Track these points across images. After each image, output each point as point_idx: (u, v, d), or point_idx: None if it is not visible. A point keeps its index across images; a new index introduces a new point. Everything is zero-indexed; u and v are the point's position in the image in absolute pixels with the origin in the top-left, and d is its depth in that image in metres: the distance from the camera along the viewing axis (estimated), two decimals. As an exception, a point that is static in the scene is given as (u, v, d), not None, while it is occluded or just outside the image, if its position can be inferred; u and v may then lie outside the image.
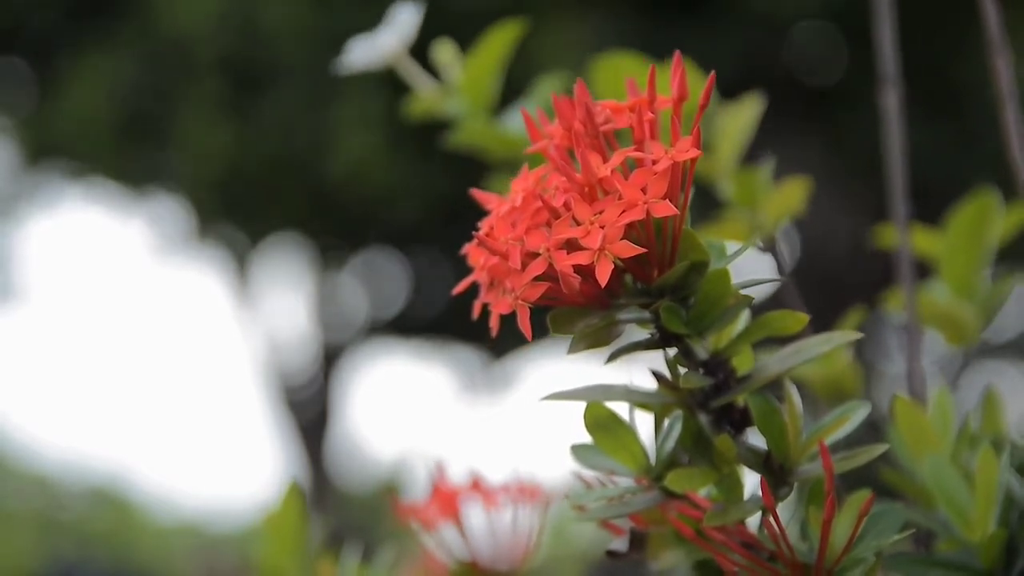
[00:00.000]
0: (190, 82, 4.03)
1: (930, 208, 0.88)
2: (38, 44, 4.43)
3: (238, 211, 4.57)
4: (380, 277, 5.34)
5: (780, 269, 0.77)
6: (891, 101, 0.81)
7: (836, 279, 4.14)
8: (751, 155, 0.85)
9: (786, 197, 0.80)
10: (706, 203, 0.82)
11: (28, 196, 5.32)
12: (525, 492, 0.78)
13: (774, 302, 0.72)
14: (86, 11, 4.27)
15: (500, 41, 0.83)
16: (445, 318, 5.00)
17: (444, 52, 0.85)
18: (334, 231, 4.79)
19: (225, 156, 4.07)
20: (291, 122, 3.89)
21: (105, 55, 4.14)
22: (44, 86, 4.43)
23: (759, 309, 0.56)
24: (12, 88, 4.68)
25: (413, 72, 0.84)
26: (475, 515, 0.78)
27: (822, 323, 0.69)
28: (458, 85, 0.84)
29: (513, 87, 0.86)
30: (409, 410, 7.89)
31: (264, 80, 3.95)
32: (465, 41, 0.85)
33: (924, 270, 0.84)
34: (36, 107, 4.53)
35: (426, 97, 0.84)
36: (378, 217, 4.49)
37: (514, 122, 0.84)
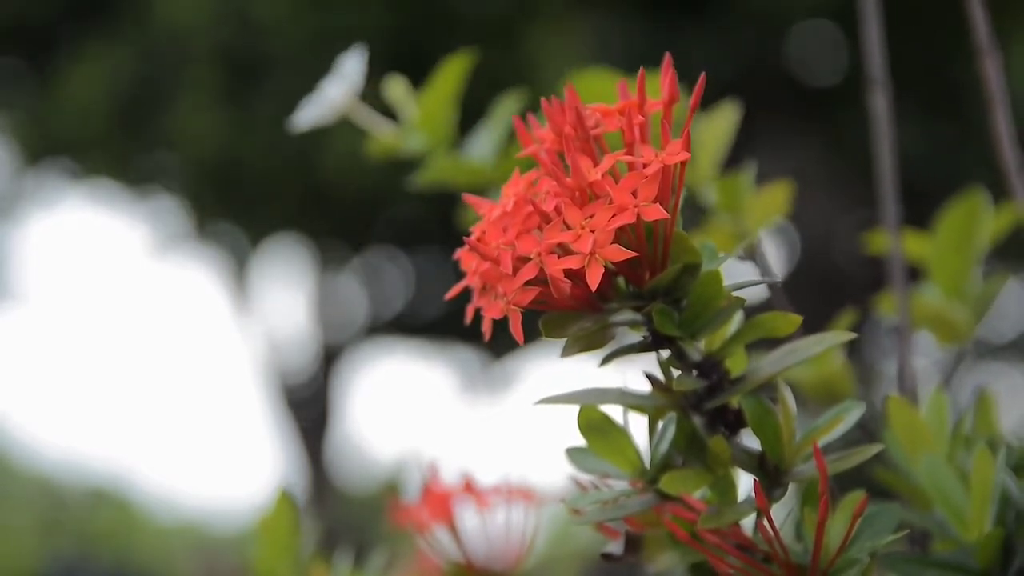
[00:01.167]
0: (187, 75, 4.03)
1: (931, 210, 0.88)
2: (36, 42, 4.43)
3: (236, 207, 4.57)
4: (380, 277, 5.34)
5: (765, 276, 0.77)
6: (879, 103, 0.81)
7: (836, 279, 4.14)
8: (749, 156, 0.85)
9: (770, 201, 0.80)
10: (689, 209, 0.82)
11: (28, 196, 5.32)
12: (518, 493, 0.78)
13: (767, 305, 0.72)
14: (84, 7, 4.27)
15: (453, 74, 0.82)
16: (445, 318, 5.01)
17: (395, 89, 0.84)
18: (333, 230, 4.79)
19: (222, 148, 4.07)
20: (287, 114, 3.88)
21: (103, 50, 4.14)
22: (43, 84, 4.44)
23: (752, 312, 0.56)
24: (11, 87, 4.68)
25: (369, 118, 0.84)
26: (469, 516, 0.78)
27: (822, 323, 0.69)
28: (415, 122, 0.83)
29: (511, 88, 0.86)
30: (409, 410, 7.89)
31: (260, 72, 3.95)
32: (466, 41, 0.85)
33: (919, 272, 0.84)
34: (35, 105, 4.53)
35: (384, 137, 0.84)
36: (377, 215, 4.49)
37: (478, 149, 0.84)
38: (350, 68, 0.82)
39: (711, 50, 3.51)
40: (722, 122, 0.80)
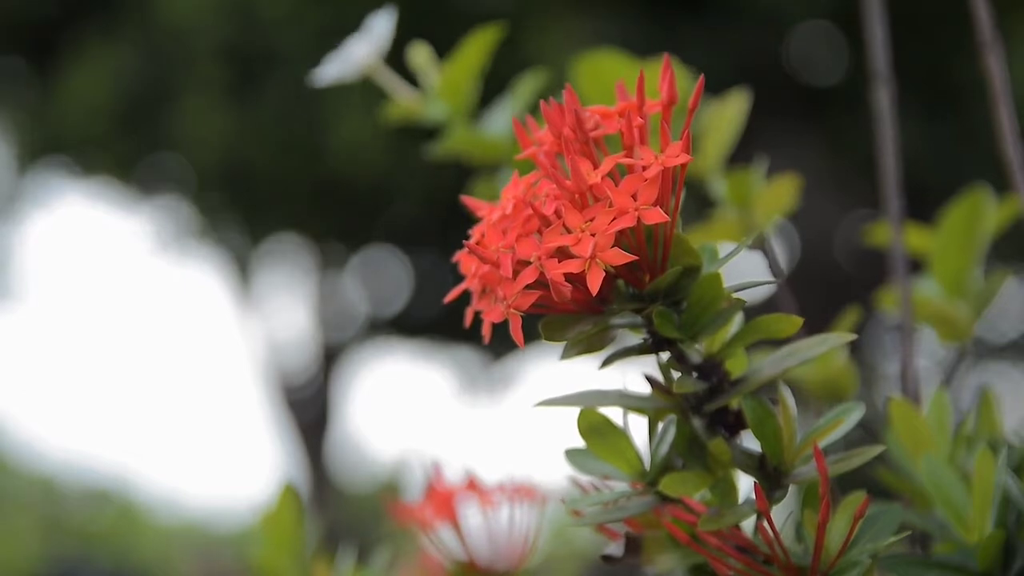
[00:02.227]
0: (191, 73, 4.03)
1: (931, 207, 0.88)
2: (39, 41, 4.43)
3: (239, 206, 4.57)
4: (380, 277, 5.34)
5: (773, 269, 0.77)
6: (883, 98, 0.80)
7: (836, 279, 4.14)
8: (749, 155, 0.85)
9: (777, 195, 0.80)
10: (696, 202, 0.81)
11: (30, 195, 5.32)
12: (521, 492, 0.78)
13: (769, 303, 0.72)
14: (86, 5, 4.27)
15: (478, 46, 0.82)
16: (445, 318, 5.00)
17: (419, 56, 0.84)
18: (335, 229, 4.79)
19: (226, 145, 4.07)
20: (291, 109, 3.88)
21: (105, 49, 4.14)
22: (45, 83, 4.44)
23: (754, 311, 0.55)
24: (13, 86, 4.68)
25: (391, 81, 0.83)
26: (472, 515, 0.78)
27: (822, 323, 0.69)
28: (437, 91, 0.83)
29: (511, 87, 0.86)
30: (409, 410, 7.89)
31: (264, 68, 3.95)
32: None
33: (918, 266, 0.84)
34: (37, 104, 4.53)
35: (404, 103, 0.84)
36: (381, 212, 4.49)
37: (496, 125, 0.84)
38: (378, 27, 0.82)
39: (711, 50, 3.51)
40: (731, 110, 0.80)
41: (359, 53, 0.81)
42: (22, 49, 4.56)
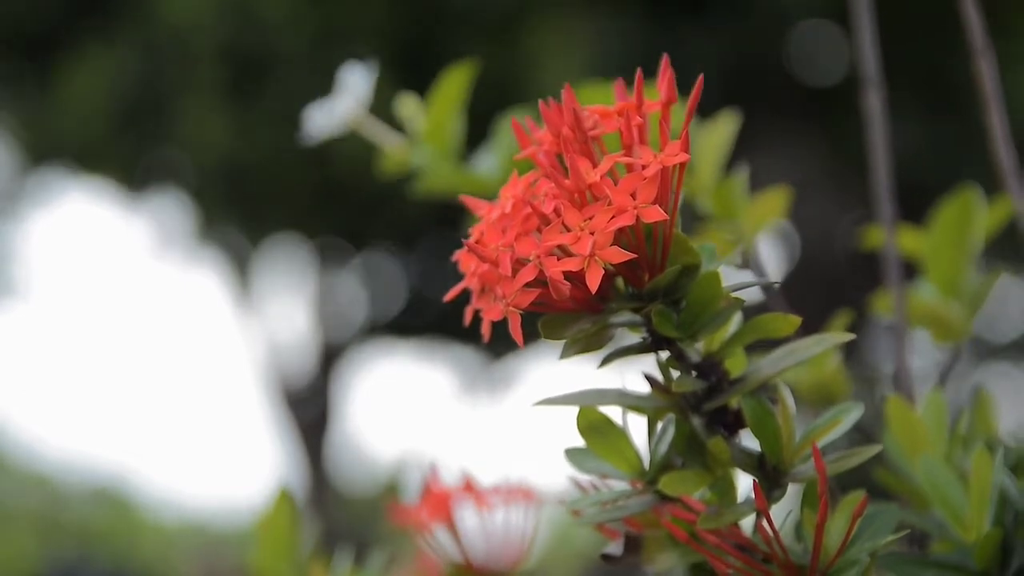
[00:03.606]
0: (190, 73, 4.03)
1: (934, 207, 0.88)
2: (38, 43, 4.43)
3: (239, 207, 4.57)
4: (380, 277, 5.34)
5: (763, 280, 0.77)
6: (873, 102, 0.81)
7: (836, 280, 4.14)
8: (750, 157, 0.85)
9: (766, 207, 0.80)
10: (687, 215, 0.81)
11: (30, 195, 5.32)
12: (518, 493, 0.78)
13: (765, 308, 0.72)
14: (85, 7, 4.27)
15: (457, 83, 0.82)
16: (445, 318, 5.00)
17: (406, 106, 0.84)
18: (335, 230, 4.79)
19: (226, 146, 4.06)
20: (291, 111, 3.88)
21: (105, 51, 4.14)
22: (44, 84, 4.43)
23: (751, 313, 0.56)
24: (12, 88, 4.68)
25: (376, 130, 0.84)
26: (469, 517, 0.78)
27: (822, 324, 0.69)
28: (422, 136, 0.83)
29: (515, 89, 0.86)
30: (409, 411, 7.88)
31: (264, 69, 3.95)
32: (468, 40, 0.84)
33: (915, 270, 0.84)
34: (37, 105, 4.53)
35: (394, 152, 0.84)
36: (379, 213, 4.49)
37: (485, 164, 0.83)
38: (356, 82, 0.82)
39: (711, 50, 3.51)
40: (722, 131, 0.80)
41: (342, 107, 0.82)
42: (22, 52, 4.56)
